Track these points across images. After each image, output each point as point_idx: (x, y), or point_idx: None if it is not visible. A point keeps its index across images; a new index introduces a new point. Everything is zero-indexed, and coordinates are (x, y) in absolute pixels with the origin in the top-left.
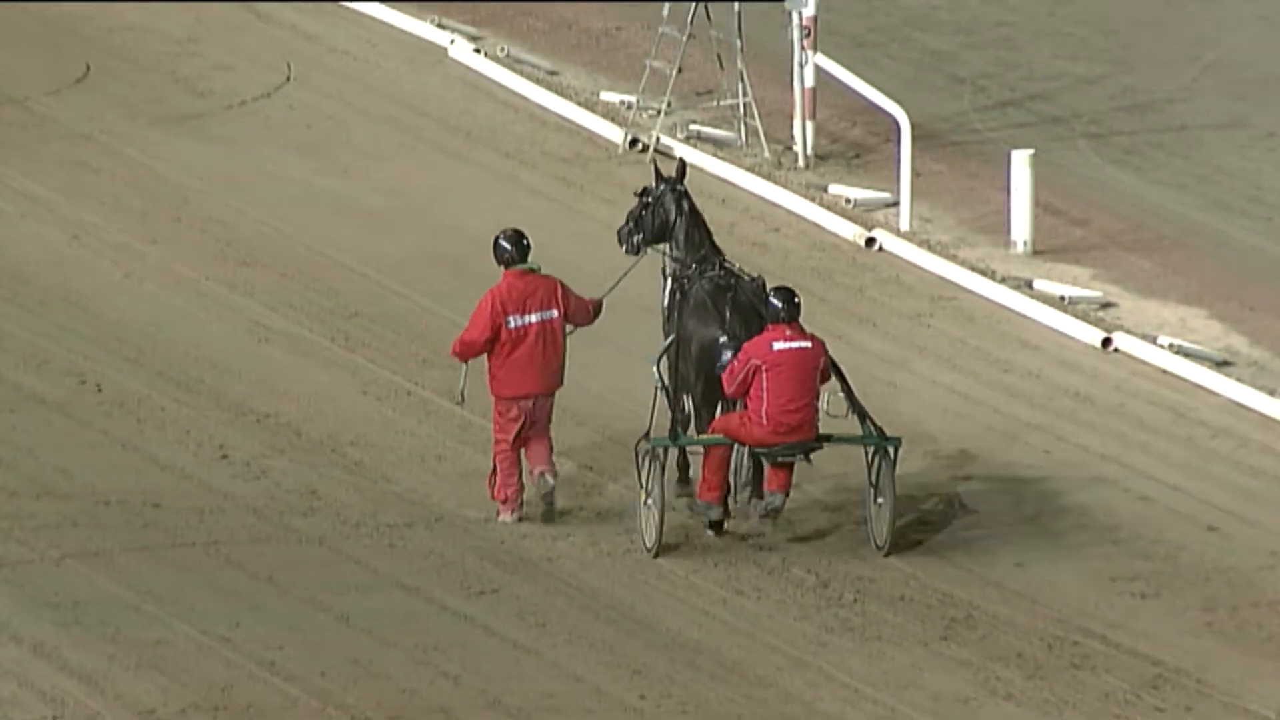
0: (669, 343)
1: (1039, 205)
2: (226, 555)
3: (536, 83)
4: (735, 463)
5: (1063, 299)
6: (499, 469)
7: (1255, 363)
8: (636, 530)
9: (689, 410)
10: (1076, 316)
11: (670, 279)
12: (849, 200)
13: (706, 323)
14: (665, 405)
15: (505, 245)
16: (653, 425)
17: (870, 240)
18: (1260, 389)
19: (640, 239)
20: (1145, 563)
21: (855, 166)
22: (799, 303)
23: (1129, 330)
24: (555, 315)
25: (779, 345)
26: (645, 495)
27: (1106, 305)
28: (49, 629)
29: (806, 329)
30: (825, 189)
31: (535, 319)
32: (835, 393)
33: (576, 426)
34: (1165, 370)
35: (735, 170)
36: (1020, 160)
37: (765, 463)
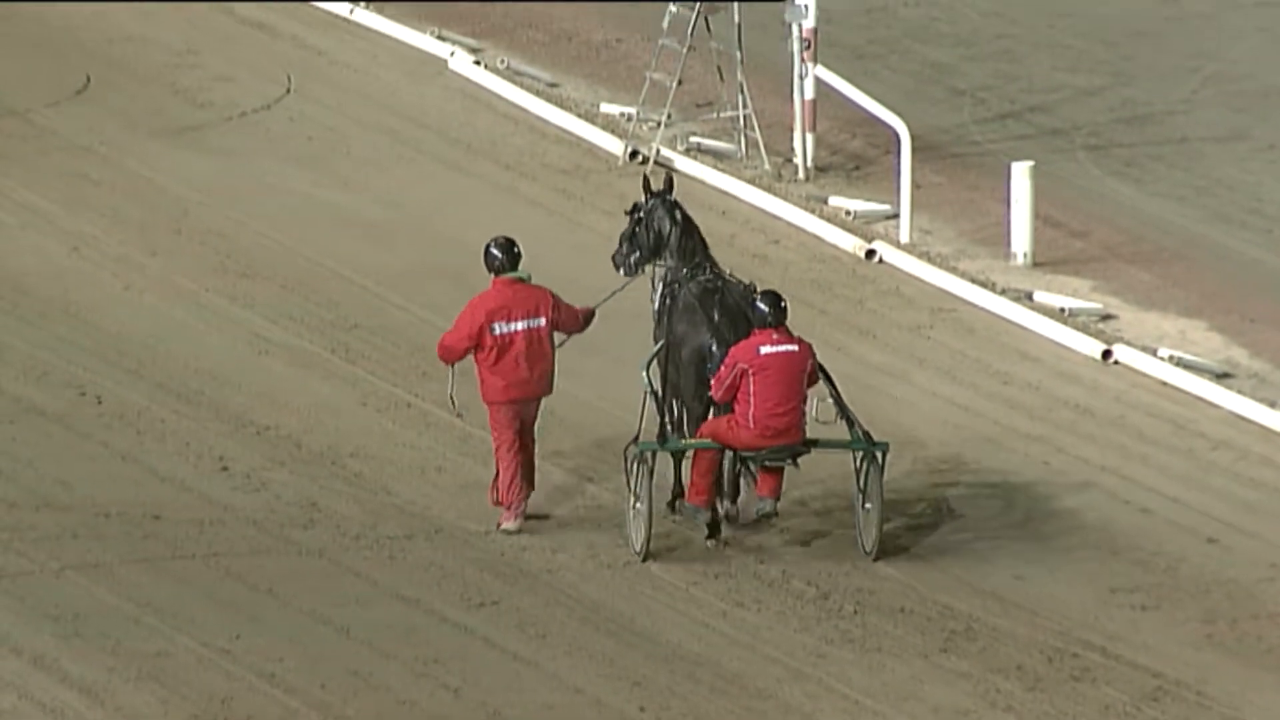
0: (659, 347)
1: (1039, 217)
2: (226, 567)
3: (536, 95)
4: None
5: (1063, 311)
6: (501, 471)
7: (1255, 375)
8: (625, 534)
9: (679, 414)
10: (1076, 328)
11: (661, 284)
12: (849, 212)
13: (696, 327)
14: (654, 410)
15: (496, 253)
16: (641, 429)
17: (870, 252)
18: (1260, 401)
19: (637, 258)
20: (1145, 575)
21: (855, 178)
22: (785, 306)
23: (1129, 342)
24: (543, 323)
25: (766, 349)
26: (634, 499)
27: (1106, 317)
28: (49, 641)
29: (794, 333)
30: (825, 201)
31: (521, 326)
32: (824, 399)
33: (571, 436)
34: (1165, 382)
35: (735, 182)
36: (1020, 172)
37: (753, 467)
